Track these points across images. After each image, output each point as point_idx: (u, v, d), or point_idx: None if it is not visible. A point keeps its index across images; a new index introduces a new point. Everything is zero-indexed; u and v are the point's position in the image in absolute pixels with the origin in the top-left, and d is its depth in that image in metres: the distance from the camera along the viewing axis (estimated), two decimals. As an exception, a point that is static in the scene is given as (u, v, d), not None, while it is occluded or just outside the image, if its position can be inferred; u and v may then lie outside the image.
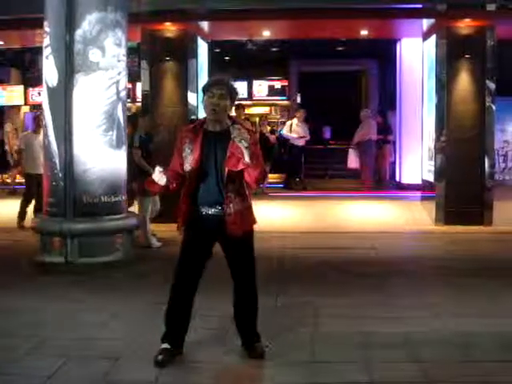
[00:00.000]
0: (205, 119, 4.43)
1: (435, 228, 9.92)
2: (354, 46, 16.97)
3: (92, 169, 7.31)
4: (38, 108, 18.91)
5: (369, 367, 4.32)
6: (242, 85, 19.30)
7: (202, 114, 9.10)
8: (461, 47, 9.84)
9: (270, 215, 8.86)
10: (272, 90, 20.50)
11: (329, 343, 4.80)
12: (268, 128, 16.59)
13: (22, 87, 19.58)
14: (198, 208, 4.34)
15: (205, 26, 10.94)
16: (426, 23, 10.86)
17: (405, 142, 13.34)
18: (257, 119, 20.33)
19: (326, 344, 4.78)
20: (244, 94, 19.32)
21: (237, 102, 4.74)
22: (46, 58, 7.42)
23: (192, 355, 4.48)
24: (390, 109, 15.30)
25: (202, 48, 11.16)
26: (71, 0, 7.17)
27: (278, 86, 20.53)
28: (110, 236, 7.51)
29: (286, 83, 20.54)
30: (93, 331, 5.05)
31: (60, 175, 7.33)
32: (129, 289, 6.45)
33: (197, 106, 10.28)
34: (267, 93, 20.58)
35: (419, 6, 10.00)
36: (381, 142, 14.34)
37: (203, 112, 4.42)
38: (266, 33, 12.39)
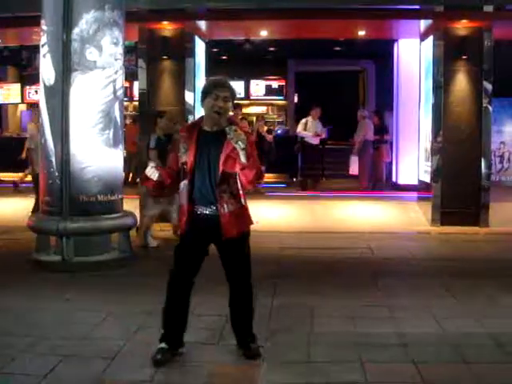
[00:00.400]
0: (202, 118, 4.43)
1: (431, 229, 9.94)
2: (352, 46, 16.97)
3: (88, 168, 7.31)
4: (34, 106, 18.97)
5: (364, 368, 4.32)
6: (239, 84, 19.32)
7: (199, 115, 9.06)
8: (458, 48, 9.85)
9: (266, 215, 8.86)
10: (269, 90, 20.52)
11: (324, 343, 4.80)
12: (265, 128, 16.58)
13: (18, 85, 19.58)
14: (194, 207, 4.35)
15: (202, 25, 10.94)
16: (423, 24, 10.87)
17: (401, 142, 13.33)
18: (254, 119, 20.36)
19: (321, 344, 4.78)
20: (241, 93, 19.33)
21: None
22: (43, 56, 7.41)
23: (188, 355, 4.49)
24: (386, 109, 15.29)
25: (200, 47, 11.15)
26: (69, -1, 7.18)
27: (275, 85, 20.55)
28: (106, 235, 7.51)
29: (283, 83, 20.56)
30: (89, 330, 5.05)
31: (56, 174, 7.32)
32: (125, 288, 6.45)
33: (194, 106, 10.28)
34: (264, 92, 20.60)
35: (417, 6, 10.01)
36: (377, 143, 14.32)
37: (200, 112, 4.43)
38: (264, 32, 12.40)
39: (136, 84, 13.81)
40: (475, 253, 8.39)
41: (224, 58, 18.84)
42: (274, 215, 9.18)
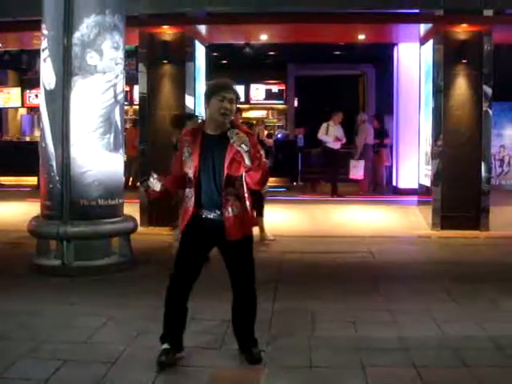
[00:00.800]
0: (204, 122, 4.42)
1: (432, 232, 9.93)
2: (352, 50, 16.96)
3: (89, 172, 7.31)
4: (35, 110, 18.99)
5: (365, 372, 4.31)
6: (240, 88, 19.28)
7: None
8: (458, 52, 9.86)
9: (266, 219, 8.84)
10: (269, 94, 20.54)
11: (325, 348, 4.80)
12: (265, 132, 16.59)
13: (19, 89, 19.60)
14: (198, 211, 4.34)
15: (203, 29, 10.95)
16: (423, 28, 10.88)
17: (402, 146, 13.34)
18: (254, 123, 20.34)
19: (322, 349, 4.78)
20: (241, 97, 19.34)
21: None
22: (44, 60, 7.42)
23: (189, 359, 4.48)
24: (386, 113, 15.30)
25: (200, 51, 11.17)
26: (69, 3, 7.17)
27: (275, 89, 20.56)
28: (106, 239, 7.51)
29: (283, 87, 20.57)
30: (89, 334, 5.04)
31: (57, 178, 7.32)
32: (125, 292, 6.44)
33: (194, 110, 10.28)
34: (264, 96, 20.61)
35: (416, 10, 10.02)
36: (377, 147, 14.33)
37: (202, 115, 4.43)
38: (264, 37, 12.41)
39: (136, 88, 13.81)
40: (476, 257, 8.38)
41: (224, 62, 18.85)
42: (275, 219, 9.17)
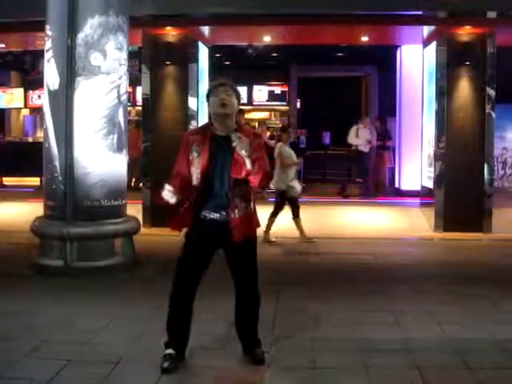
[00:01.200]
0: (211, 123, 4.41)
1: (434, 235, 9.93)
2: (355, 51, 16.99)
3: (92, 172, 7.32)
4: (38, 111, 19.01)
5: (368, 373, 4.31)
6: (242, 90, 19.31)
7: (202, 120, 9.06)
8: (461, 54, 9.87)
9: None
10: (272, 96, 20.53)
11: (328, 349, 4.80)
12: (267, 133, 16.60)
13: (22, 90, 19.62)
14: (202, 213, 4.31)
15: (206, 30, 10.95)
16: (426, 30, 10.88)
17: (404, 148, 13.35)
18: (256, 124, 20.38)
19: (325, 350, 4.77)
20: (244, 99, 19.35)
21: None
22: (48, 61, 7.43)
23: (192, 360, 4.48)
24: (389, 115, 15.30)
25: (203, 53, 11.18)
26: (73, 4, 7.19)
27: (277, 91, 20.55)
28: (109, 240, 7.51)
29: (285, 89, 20.56)
30: (92, 335, 5.04)
31: (60, 179, 7.33)
32: (128, 293, 6.45)
33: (197, 111, 10.29)
34: (267, 98, 20.61)
35: (420, 12, 10.02)
36: (380, 149, 14.33)
37: (203, 117, 4.43)
38: (267, 38, 12.42)
39: (139, 89, 13.82)
40: (478, 259, 8.37)
41: (227, 63, 18.88)
42: (277, 221, 9.18)
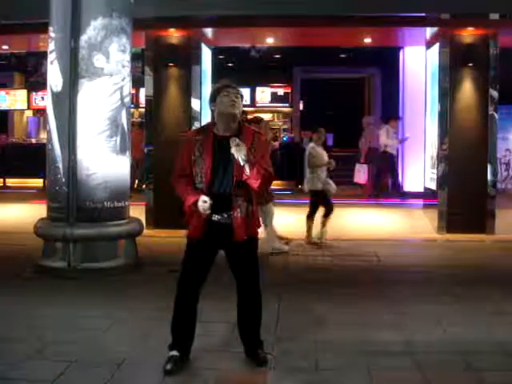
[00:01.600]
0: (214, 123, 4.40)
1: (437, 236, 9.91)
2: (358, 53, 17.00)
3: (95, 174, 7.32)
4: (41, 112, 19.06)
5: (371, 375, 4.31)
6: (245, 91, 19.31)
7: (205, 122, 9.03)
8: (464, 55, 9.85)
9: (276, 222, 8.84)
10: (275, 97, 20.54)
11: (331, 351, 4.79)
12: (270, 134, 16.56)
13: (25, 91, 19.67)
14: (209, 215, 4.28)
15: (209, 32, 10.96)
16: (429, 31, 10.87)
17: (407, 149, 13.34)
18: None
19: (328, 351, 4.77)
20: (247, 100, 19.36)
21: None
22: (51, 63, 7.44)
23: (195, 361, 4.48)
24: (392, 116, 15.27)
25: (206, 54, 11.18)
26: (76, 6, 7.20)
27: (280, 92, 20.57)
28: (112, 241, 7.52)
29: (288, 90, 20.57)
30: (96, 336, 5.05)
31: (63, 180, 7.34)
32: (131, 294, 6.45)
33: (200, 113, 10.29)
34: (270, 99, 20.62)
35: (422, 14, 10.02)
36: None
37: (207, 119, 4.42)
38: (270, 40, 12.43)
39: (142, 90, 13.84)
40: (481, 260, 8.36)
41: (230, 65, 18.90)
42: (281, 222, 9.16)
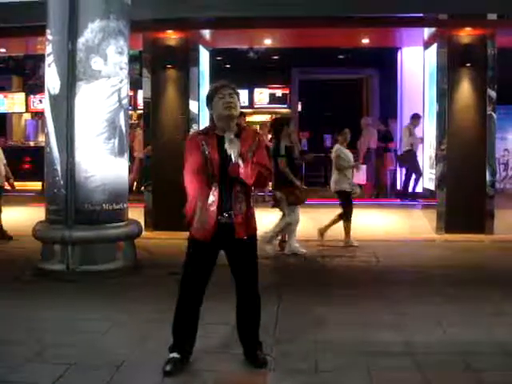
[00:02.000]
0: (214, 125, 4.41)
1: (436, 236, 9.92)
2: (356, 54, 17.00)
3: (93, 176, 7.32)
4: (39, 115, 19.04)
5: (371, 376, 4.31)
6: (243, 93, 19.33)
7: (203, 123, 9.04)
8: (461, 56, 9.87)
9: (271, 222, 8.84)
10: (273, 98, 20.54)
11: (331, 351, 4.79)
12: (269, 136, 16.56)
13: (23, 94, 19.66)
14: (218, 216, 4.29)
15: (206, 34, 10.96)
16: (427, 32, 10.89)
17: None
18: (257, 127, 20.34)
19: (327, 352, 4.77)
20: (245, 102, 19.36)
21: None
22: (49, 65, 7.44)
23: (194, 363, 4.47)
24: (391, 117, 15.29)
25: (204, 56, 11.18)
26: (74, 8, 7.21)
27: (279, 93, 20.56)
28: (111, 244, 7.51)
29: (287, 91, 20.56)
30: (95, 339, 5.05)
31: (61, 182, 7.34)
32: (130, 296, 6.44)
33: (198, 114, 10.29)
34: (268, 101, 20.61)
35: (420, 14, 10.03)
36: (382, 150, 14.31)
37: (205, 121, 4.42)
38: (268, 41, 12.43)
39: (140, 92, 13.83)
40: (480, 260, 8.37)
41: (228, 66, 18.89)
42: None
